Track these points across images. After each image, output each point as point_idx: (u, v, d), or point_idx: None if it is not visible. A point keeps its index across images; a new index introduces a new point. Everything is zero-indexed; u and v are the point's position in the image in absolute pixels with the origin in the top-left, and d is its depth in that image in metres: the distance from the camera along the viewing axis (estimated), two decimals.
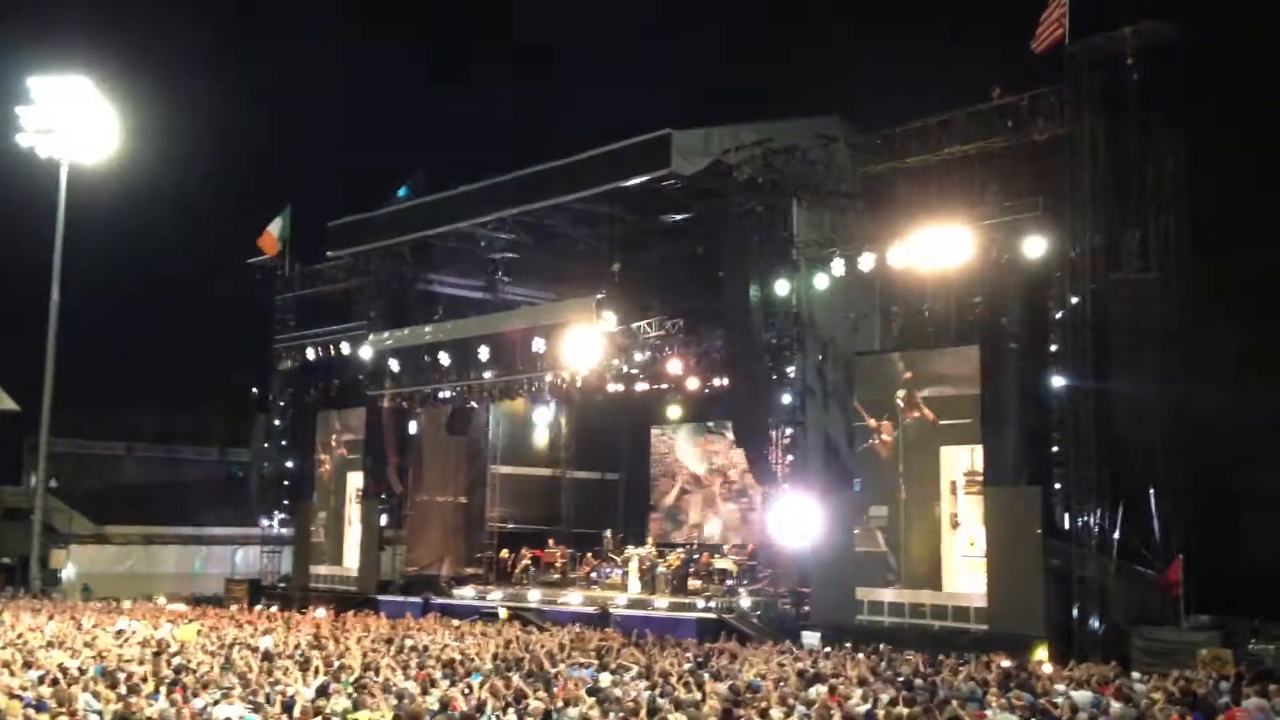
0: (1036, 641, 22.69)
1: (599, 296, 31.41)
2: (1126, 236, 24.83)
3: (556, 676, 16.40)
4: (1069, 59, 23.97)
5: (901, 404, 26.29)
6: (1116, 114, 24.22)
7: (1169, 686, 15.83)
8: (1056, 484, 24.08)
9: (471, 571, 37.53)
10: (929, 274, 25.86)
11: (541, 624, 28.50)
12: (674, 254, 34.29)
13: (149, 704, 13.54)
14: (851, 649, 22.52)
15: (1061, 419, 24.12)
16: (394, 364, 36.44)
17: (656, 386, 35.38)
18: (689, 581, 31.46)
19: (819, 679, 16.52)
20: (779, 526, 28.78)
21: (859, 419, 27.20)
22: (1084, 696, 15.06)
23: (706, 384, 33.70)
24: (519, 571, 35.11)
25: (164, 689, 14.83)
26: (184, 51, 58.27)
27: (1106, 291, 24.24)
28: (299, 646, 21.06)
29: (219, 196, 56.91)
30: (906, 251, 25.79)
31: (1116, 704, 14.41)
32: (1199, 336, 24.79)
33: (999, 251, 24.64)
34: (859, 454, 27.24)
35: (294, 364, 40.36)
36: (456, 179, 33.83)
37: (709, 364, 31.90)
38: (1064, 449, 23.96)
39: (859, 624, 25.97)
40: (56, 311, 43.72)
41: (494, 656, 19.42)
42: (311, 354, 39.36)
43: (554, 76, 59.43)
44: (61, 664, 17.08)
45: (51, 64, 44.69)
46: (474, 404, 37.18)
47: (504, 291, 38.90)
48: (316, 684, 15.32)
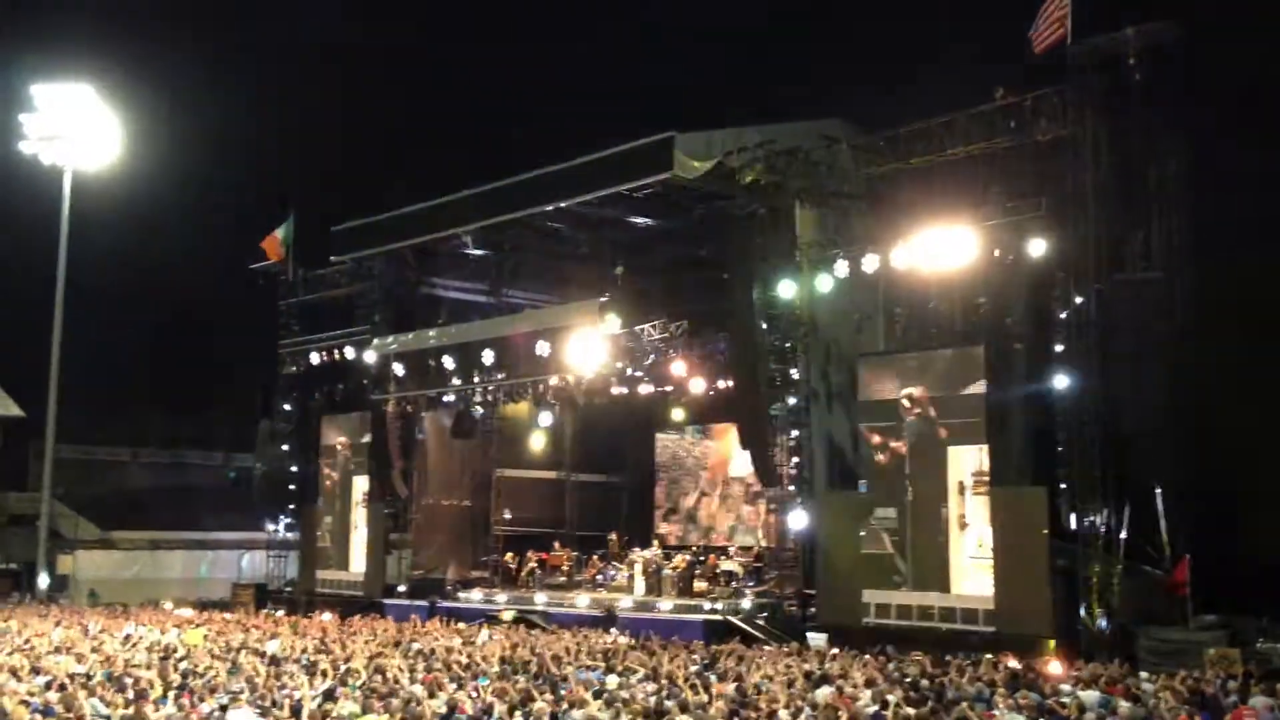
0: (1043, 642, 22.67)
1: (603, 299, 31.44)
2: (1130, 237, 24.81)
3: (563, 679, 16.43)
4: (1071, 59, 23.96)
5: (907, 403, 26.22)
6: (1119, 114, 24.22)
7: (1176, 686, 15.82)
8: (1062, 484, 24.05)
9: (477, 575, 37.55)
10: (932, 275, 25.85)
11: (548, 627, 28.52)
12: (677, 257, 34.33)
13: (157, 709, 13.56)
14: (858, 651, 22.50)
15: (1066, 419, 24.09)
16: (398, 368, 36.49)
17: (660, 389, 35.39)
18: (695, 583, 31.47)
19: (826, 680, 16.52)
20: (784, 528, 28.79)
21: (867, 434, 27.06)
22: (1091, 696, 15.06)
23: (710, 386, 33.71)
24: (525, 574, 35.13)
25: (171, 694, 14.86)
26: (186, 58, 58.40)
27: (1110, 292, 24.22)
28: (306, 650, 21.10)
29: (222, 202, 57.04)
30: (910, 253, 25.79)
31: (1125, 704, 14.41)
32: (1203, 336, 24.77)
33: (1002, 252, 24.63)
34: (864, 456, 27.18)
35: (298, 369, 40.40)
36: (459, 183, 33.88)
37: (713, 366, 31.93)
38: (1069, 449, 23.93)
39: (866, 625, 25.93)
40: (61, 317, 43.83)
41: (501, 659, 19.44)
42: (316, 359, 39.41)
43: (557, 79, 59.45)
44: (69, 670, 17.11)
45: (54, 71, 44.87)
46: (478, 408, 37.20)
47: (507, 295, 38.96)
48: (323, 688, 15.36)
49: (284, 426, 41.60)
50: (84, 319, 46.21)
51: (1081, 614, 23.26)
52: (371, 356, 37.22)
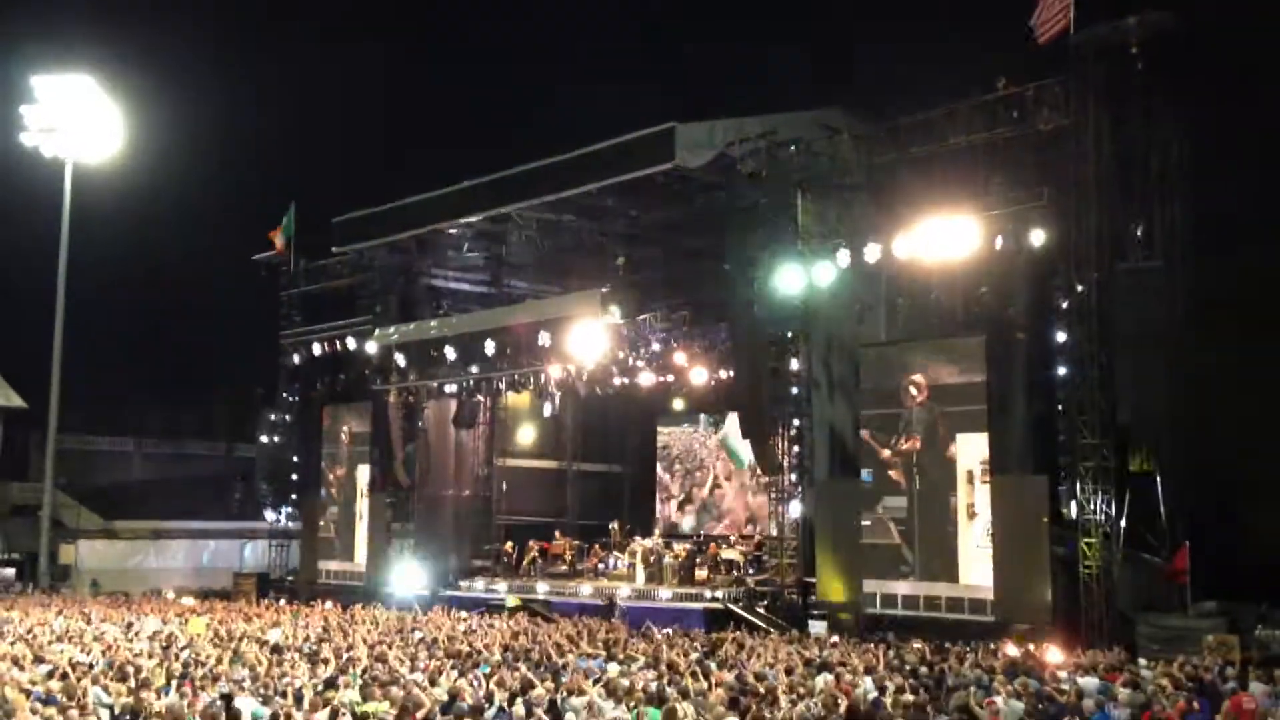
0: (1043, 629, 22.71)
1: (604, 290, 31.49)
2: (1131, 226, 24.80)
3: (564, 667, 16.47)
4: (1073, 49, 23.93)
5: (914, 391, 26.15)
6: (1121, 104, 24.20)
7: (1175, 673, 15.85)
8: (1063, 473, 24.09)
9: (479, 564, 37.61)
10: (934, 265, 25.85)
11: (549, 615, 28.57)
12: (679, 247, 34.33)
13: (159, 698, 13.60)
14: (859, 639, 22.55)
15: (1067, 408, 24.14)
16: (400, 358, 36.52)
17: (662, 379, 35.41)
18: (696, 572, 31.53)
19: (826, 668, 16.56)
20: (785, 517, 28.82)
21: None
22: (1090, 683, 15.09)
23: (712, 376, 33.72)
24: (527, 563, 35.20)
25: (173, 683, 14.90)
26: (187, 49, 58.33)
27: (1111, 281, 24.23)
28: (308, 639, 21.15)
29: (223, 193, 56.93)
30: (911, 242, 25.80)
31: (1124, 690, 14.45)
32: (1204, 325, 24.77)
33: (1004, 242, 24.64)
34: (868, 445, 27.08)
35: (300, 359, 40.43)
36: (461, 173, 33.90)
37: (714, 356, 31.94)
38: (1070, 438, 23.98)
39: (866, 614, 25.96)
40: (63, 309, 43.84)
41: (503, 648, 19.48)
42: (317, 349, 39.44)
43: (558, 71, 59.39)
44: (71, 659, 17.15)
45: (55, 63, 44.77)
46: (480, 397, 37.23)
47: (509, 285, 38.99)
48: (325, 676, 15.40)
49: (286, 417, 41.64)
50: (85, 310, 46.21)
51: (1081, 601, 23.29)
52: (373, 347, 37.24)
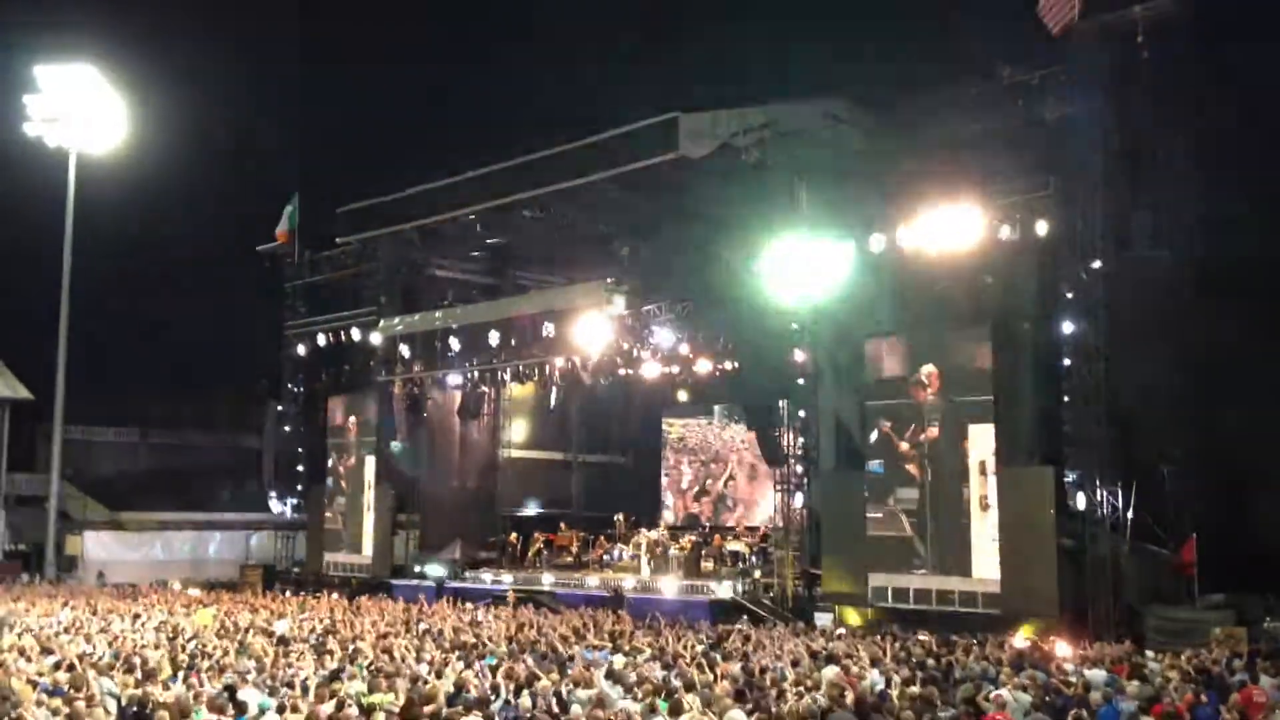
0: (1050, 621, 22.68)
1: (608, 281, 31.46)
2: (1137, 215, 24.74)
3: (570, 659, 16.45)
4: (1078, 37, 23.85)
5: (925, 381, 26.06)
6: (1126, 92, 24.12)
7: (1183, 665, 15.83)
8: (1069, 464, 24.04)
9: (484, 555, 37.63)
10: (939, 254, 25.78)
11: (555, 607, 28.57)
12: (682, 237, 34.21)
13: (165, 689, 13.60)
14: (864, 631, 22.54)
15: (1073, 399, 24.07)
16: (404, 349, 36.53)
17: (666, 370, 35.38)
18: (701, 563, 31.52)
19: (832, 659, 16.54)
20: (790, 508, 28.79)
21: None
22: (1098, 676, 15.07)
23: (716, 367, 33.68)
24: (532, 555, 35.21)
25: (180, 674, 14.90)
26: (191, 38, 58.22)
27: (1117, 270, 24.17)
28: (314, 630, 21.16)
29: (227, 184, 56.91)
30: (916, 232, 25.74)
31: (1133, 683, 14.41)
32: (1210, 314, 24.69)
33: (1009, 231, 24.58)
34: (878, 436, 26.92)
35: (305, 350, 40.43)
36: (464, 164, 33.85)
37: (719, 347, 31.89)
38: (1076, 429, 23.92)
39: (873, 606, 25.92)
40: (67, 300, 43.83)
41: (508, 640, 19.48)
42: (322, 340, 39.44)
43: (561, 60, 59.25)
44: (78, 650, 17.16)
45: (58, 52, 44.66)
46: (484, 388, 37.22)
47: (513, 276, 38.95)
48: (331, 668, 15.40)
49: (290, 408, 41.65)
50: (90, 301, 46.18)
51: (1088, 593, 23.25)
52: (377, 338, 37.25)
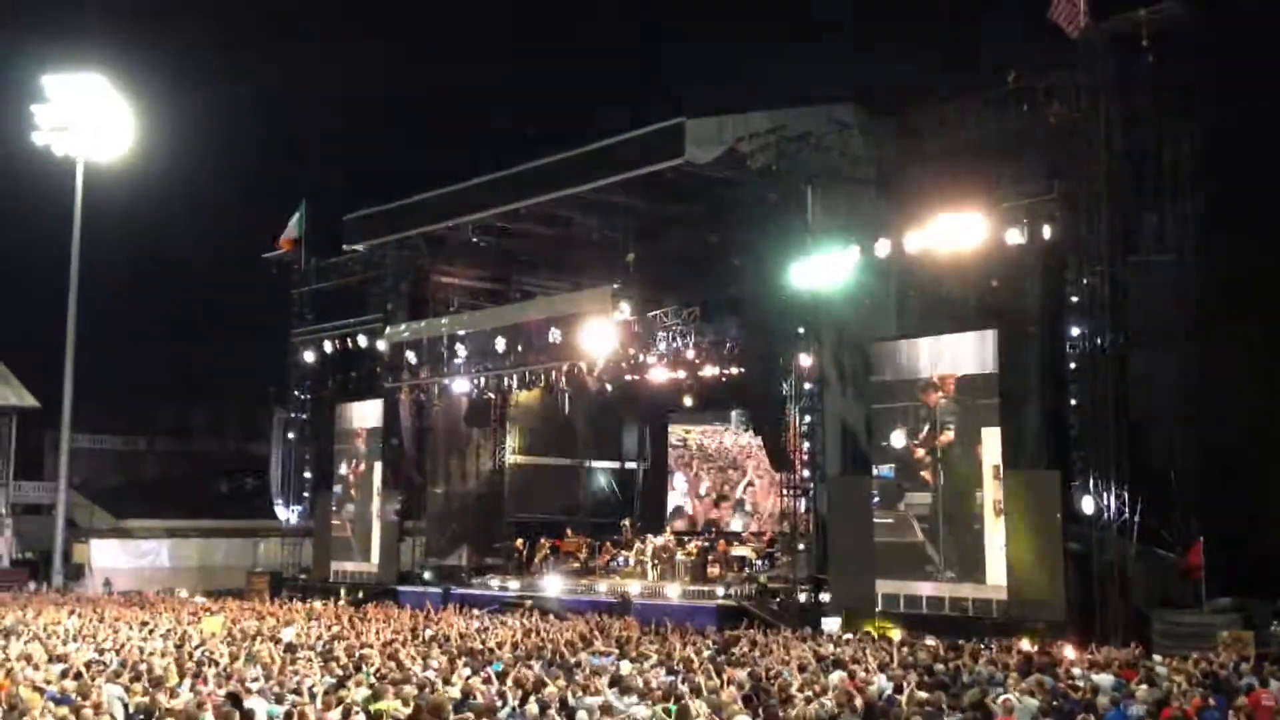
0: (1058, 626, 22.63)
1: (615, 286, 31.46)
2: (1143, 219, 24.72)
3: (577, 665, 16.45)
4: (1084, 42, 23.85)
5: (937, 382, 25.97)
6: (1132, 97, 24.11)
7: (1190, 669, 15.80)
8: (1076, 468, 23.99)
9: (491, 561, 37.64)
10: (945, 259, 25.74)
11: (562, 613, 28.55)
12: (689, 243, 34.27)
13: (173, 696, 13.62)
14: (871, 637, 22.50)
15: (1080, 402, 24.03)
16: (411, 356, 36.57)
17: (673, 375, 35.37)
18: (708, 569, 31.50)
19: (840, 665, 16.52)
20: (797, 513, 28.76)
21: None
22: (1106, 680, 15.03)
23: (723, 372, 33.68)
24: (539, 561, 35.20)
25: (188, 681, 14.92)
26: (197, 47, 58.45)
27: (1123, 275, 24.14)
28: (321, 637, 21.17)
29: (234, 191, 57.07)
30: (922, 236, 25.72)
31: (1142, 687, 14.38)
32: (1216, 318, 24.67)
33: (1015, 236, 24.55)
34: (889, 440, 26.76)
35: (311, 357, 40.45)
36: (470, 170, 33.92)
37: (725, 352, 31.88)
38: (1083, 432, 23.88)
39: (880, 611, 25.86)
40: (75, 308, 43.94)
41: (514, 646, 19.48)
42: (329, 347, 39.47)
43: (567, 66, 59.34)
44: (85, 658, 17.18)
45: (66, 62, 44.84)
46: (491, 395, 37.25)
47: (519, 282, 38.98)
48: (338, 675, 15.40)
49: (297, 415, 41.70)
50: (98, 309, 46.37)
51: (1095, 597, 23.20)
52: (384, 344, 37.29)
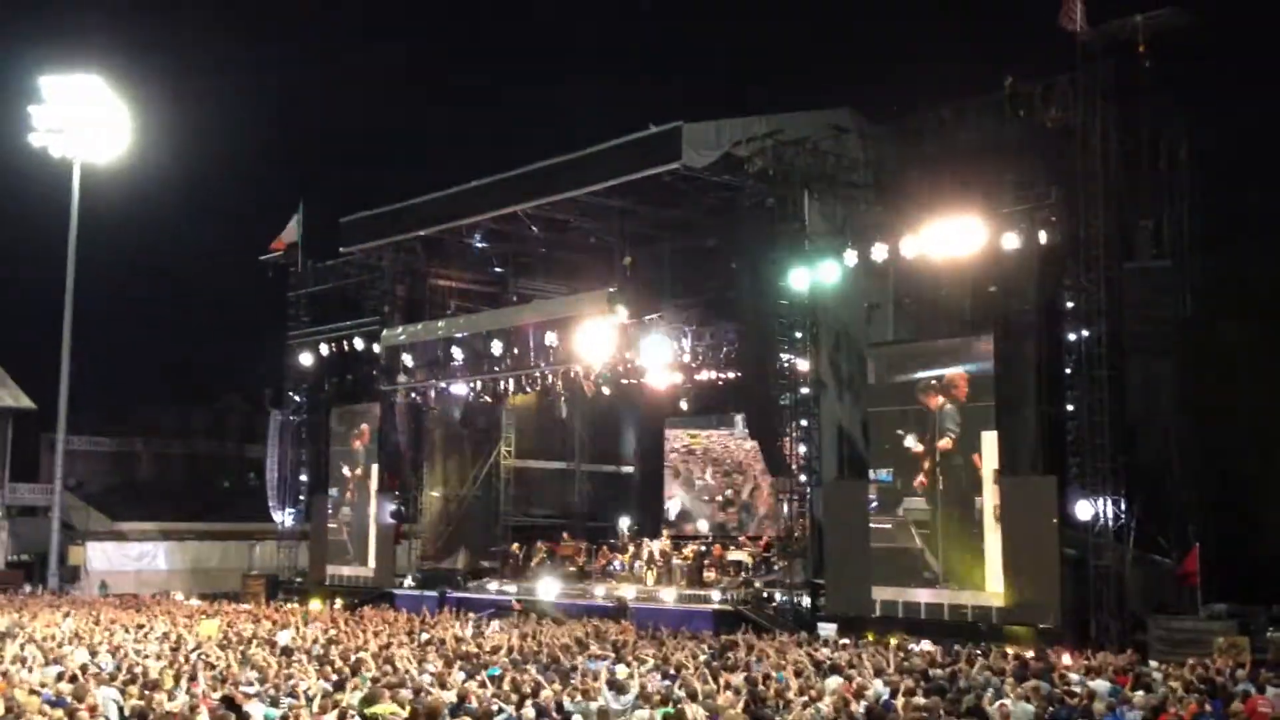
0: (1053, 631, 22.63)
1: (611, 290, 31.44)
2: (1140, 224, 24.75)
3: (573, 670, 16.43)
4: (1081, 47, 23.87)
5: (935, 384, 25.90)
6: (1129, 102, 24.14)
7: (1186, 675, 15.79)
8: (1072, 473, 23.99)
9: (487, 565, 37.60)
10: (942, 263, 25.76)
11: (558, 617, 28.54)
12: (686, 247, 34.31)
13: (169, 699, 13.59)
14: (868, 641, 22.49)
15: (1076, 408, 24.04)
16: (407, 359, 36.54)
17: (669, 379, 35.36)
18: (704, 573, 31.48)
19: (836, 670, 16.52)
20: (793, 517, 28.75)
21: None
22: (1102, 686, 15.03)
23: (719, 376, 33.67)
24: (535, 564, 35.17)
25: (183, 684, 14.89)
26: (195, 49, 58.53)
27: (1120, 280, 24.16)
28: (316, 641, 21.14)
29: (231, 194, 57.12)
30: (919, 241, 25.73)
31: (1137, 693, 14.39)
32: (1213, 324, 24.71)
33: (1012, 240, 24.55)
34: (888, 444, 26.72)
35: (308, 360, 40.40)
36: (467, 174, 33.94)
37: (722, 356, 31.89)
38: (1079, 438, 23.88)
39: (876, 616, 25.83)
40: (71, 309, 43.90)
41: (510, 650, 19.45)
42: (325, 349, 39.43)
43: (565, 70, 59.38)
44: (80, 661, 17.15)
45: (63, 63, 44.81)
46: (487, 398, 37.23)
47: (516, 286, 38.98)
48: (334, 678, 15.38)
49: (294, 418, 41.67)
50: (94, 311, 46.36)
51: (1091, 603, 23.20)
52: (380, 347, 37.26)
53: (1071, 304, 24.21)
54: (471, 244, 36.71)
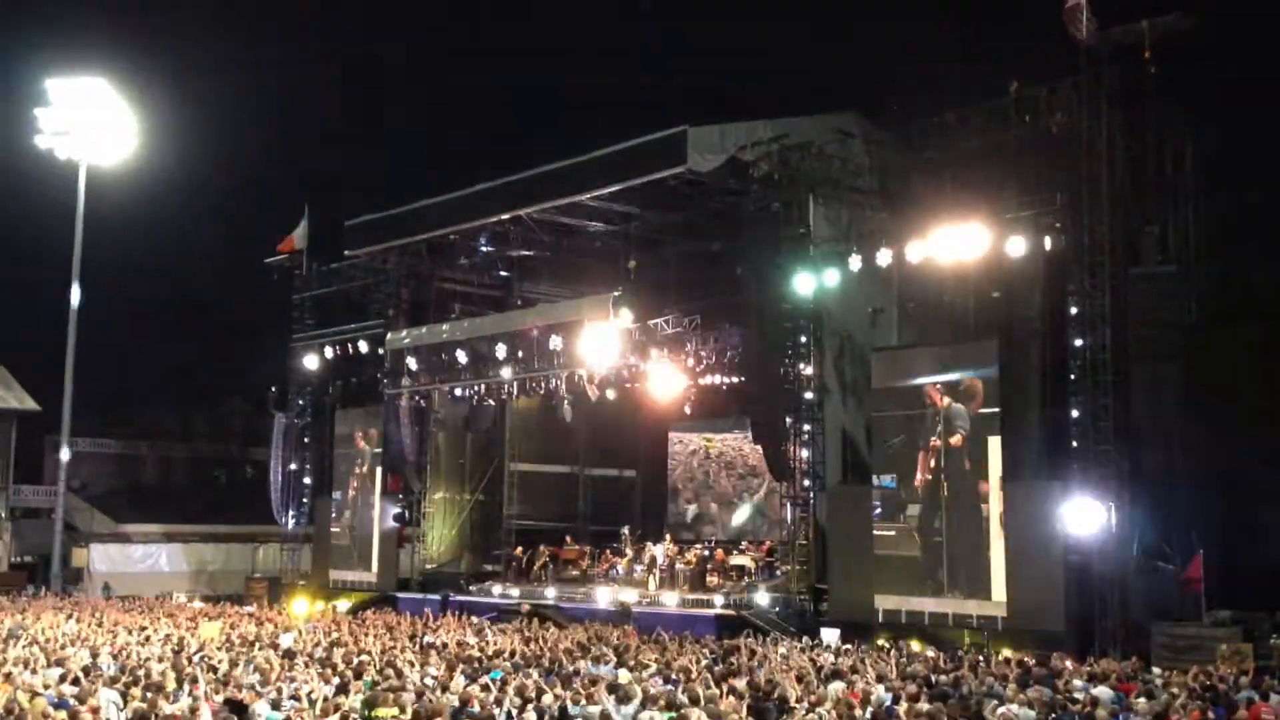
0: (1057, 638, 22.56)
1: (616, 294, 31.43)
2: (1145, 230, 24.70)
3: (576, 674, 16.42)
4: (1086, 52, 23.85)
5: (938, 392, 25.87)
6: (1134, 107, 24.10)
7: (1189, 682, 15.76)
8: (1076, 479, 23.93)
9: (490, 569, 37.59)
10: (947, 268, 25.74)
11: (561, 621, 28.53)
12: (690, 251, 34.29)
13: (171, 702, 13.58)
14: (869, 647, 22.45)
15: (1081, 414, 23.98)
16: (412, 362, 36.53)
17: (674, 383, 35.28)
18: (707, 578, 31.44)
19: (838, 675, 16.50)
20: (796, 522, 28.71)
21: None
22: (1105, 693, 15.00)
23: (724, 380, 33.63)
24: (538, 568, 35.15)
25: (185, 686, 14.89)
26: (201, 52, 58.59)
27: (1125, 285, 24.11)
28: (319, 644, 21.13)
29: (236, 196, 57.17)
30: (924, 246, 25.69)
31: (1140, 700, 14.36)
32: (1219, 329, 24.66)
33: (1017, 246, 24.53)
34: (892, 449, 26.59)
35: (312, 362, 40.43)
36: (472, 177, 33.97)
37: (726, 360, 31.85)
38: (1083, 444, 23.83)
39: (878, 621, 25.78)
40: (76, 311, 43.94)
41: (513, 654, 19.44)
42: (329, 352, 39.45)
43: (570, 74, 59.41)
44: (83, 663, 17.15)
45: (69, 65, 44.87)
46: (491, 401, 37.23)
47: (521, 289, 38.98)
48: (336, 681, 15.37)
49: (298, 420, 41.68)
50: (99, 313, 46.36)
51: (1094, 609, 23.14)
52: (385, 350, 37.28)
53: (1076, 309, 24.16)
54: (476, 247, 36.72)
